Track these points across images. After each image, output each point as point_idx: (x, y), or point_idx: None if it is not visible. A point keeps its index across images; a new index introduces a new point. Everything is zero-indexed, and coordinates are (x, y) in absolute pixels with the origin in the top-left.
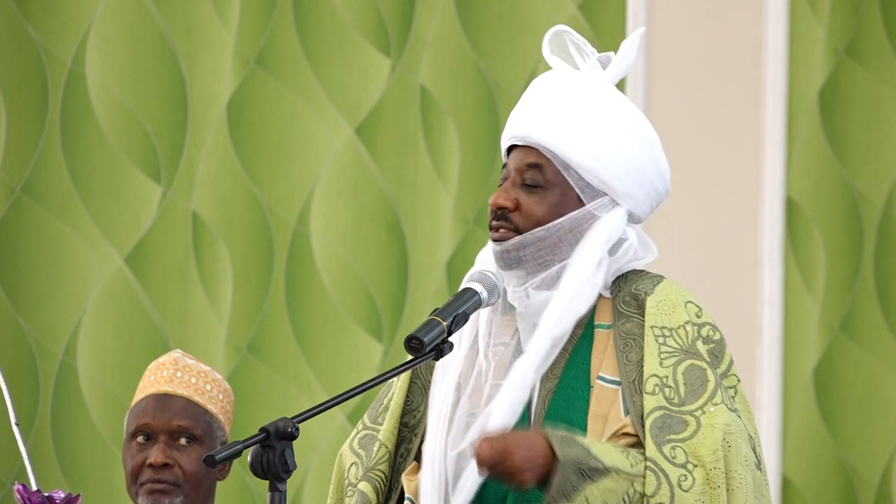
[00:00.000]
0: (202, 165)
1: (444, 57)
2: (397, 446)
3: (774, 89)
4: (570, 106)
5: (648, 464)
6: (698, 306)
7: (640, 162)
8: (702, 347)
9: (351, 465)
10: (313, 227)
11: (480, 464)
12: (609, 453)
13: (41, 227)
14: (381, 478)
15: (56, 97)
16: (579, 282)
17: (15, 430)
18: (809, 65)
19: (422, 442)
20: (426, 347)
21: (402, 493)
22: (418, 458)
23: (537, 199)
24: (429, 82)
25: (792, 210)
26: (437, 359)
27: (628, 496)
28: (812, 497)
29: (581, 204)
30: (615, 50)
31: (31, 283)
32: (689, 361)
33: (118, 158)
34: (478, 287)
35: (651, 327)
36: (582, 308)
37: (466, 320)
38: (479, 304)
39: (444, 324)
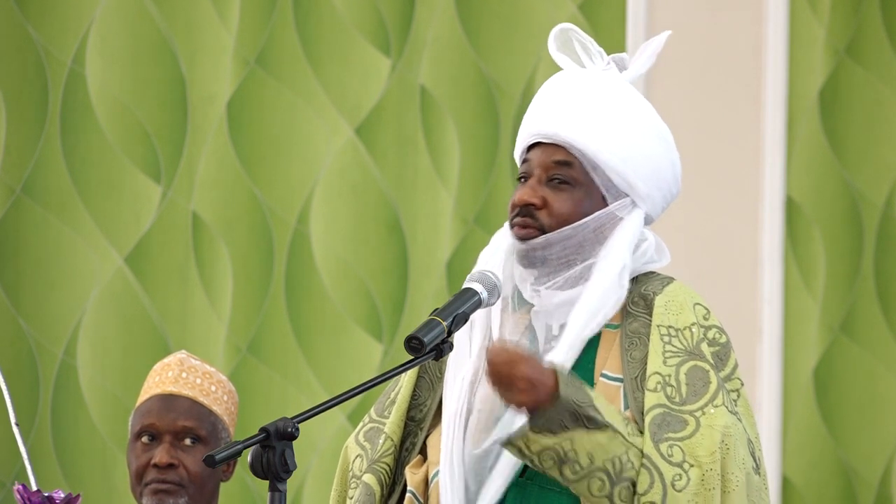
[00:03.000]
0: (202, 165)
1: (444, 57)
2: (403, 440)
3: (774, 89)
4: (597, 105)
5: (644, 461)
6: (706, 308)
7: (662, 164)
8: (706, 349)
9: (356, 457)
10: (313, 227)
11: (489, 361)
12: (610, 412)
13: (41, 227)
14: (385, 470)
15: (56, 97)
16: (608, 283)
17: (15, 430)
18: (809, 65)
19: (427, 436)
20: (426, 347)
21: (406, 485)
22: (422, 452)
23: (565, 197)
24: (429, 82)
25: (792, 210)
26: (437, 359)
27: (619, 462)
28: (812, 497)
29: (604, 204)
30: (615, 50)
31: (31, 283)
32: (692, 363)
33: (118, 158)
34: (478, 287)
35: (657, 326)
36: (611, 311)
37: (466, 320)
38: (479, 304)
39: (444, 324)
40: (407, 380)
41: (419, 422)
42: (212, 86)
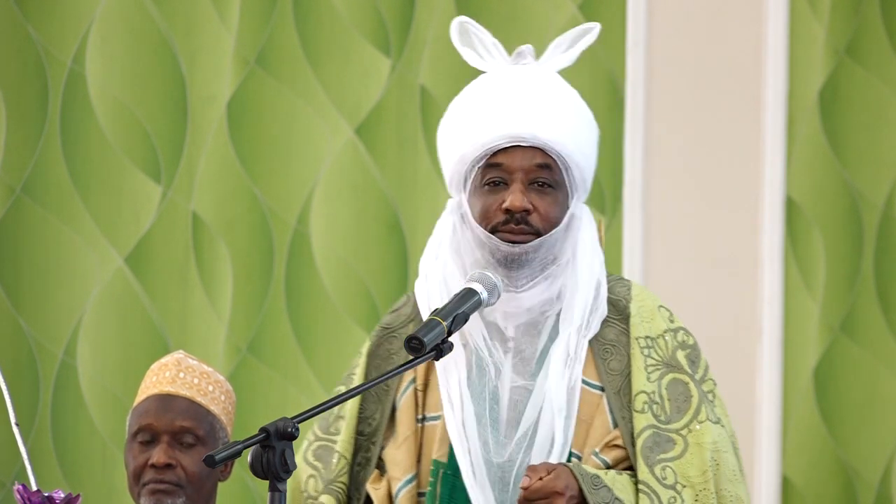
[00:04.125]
0: (202, 165)
1: (444, 57)
2: (354, 455)
3: (774, 89)
4: (560, 104)
5: (641, 486)
6: (668, 310)
7: (595, 159)
8: (681, 356)
9: (308, 477)
10: (313, 227)
11: (528, 499)
12: (626, 490)
13: (41, 227)
14: (342, 489)
15: (56, 97)
16: (593, 284)
17: (15, 430)
18: (809, 65)
19: (381, 449)
20: (426, 347)
21: (365, 502)
22: (378, 466)
23: (550, 200)
24: (429, 82)
25: (792, 210)
26: (437, 359)
27: None
28: (812, 497)
29: (567, 204)
30: (615, 50)
31: (31, 283)
32: (671, 375)
33: (118, 158)
34: (478, 287)
35: (636, 339)
36: (604, 308)
37: (466, 320)
38: (479, 304)
39: (444, 324)
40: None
41: (369, 436)
42: (212, 86)
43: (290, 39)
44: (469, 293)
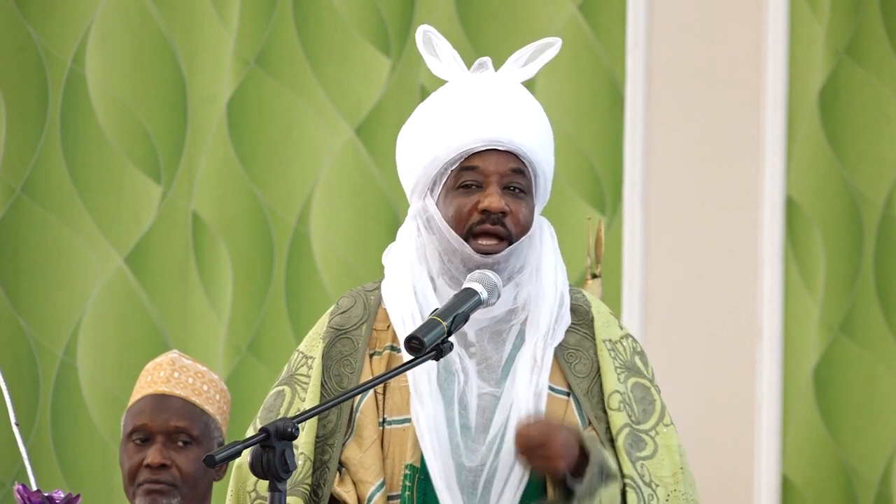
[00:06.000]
0: (202, 165)
1: None
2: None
3: (774, 89)
4: (531, 112)
5: (627, 480)
6: (616, 317)
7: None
8: (639, 363)
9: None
10: (313, 227)
11: (526, 435)
12: (611, 457)
13: (41, 227)
14: (308, 492)
15: (56, 97)
16: (559, 290)
17: (15, 430)
18: (809, 65)
19: (341, 452)
20: (426, 347)
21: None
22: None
23: (523, 205)
24: (429, 82)
25: (792, 210)
26: (437, 359)
27: None
28: (812, 497)
29: (534, 212)
30: (615, 49)
31: (31, 283)
32: (633, 379)
33: (118, 158)
34: (478, 287)
35: (603, 341)
36: (568, 318)
37: (466, 320)
38: (478, 304)
39: (444, 324)
40: (310, 398)
41: (325, 438)
42: (212, 86)
43: (290, 39)
44: (469, 293)
